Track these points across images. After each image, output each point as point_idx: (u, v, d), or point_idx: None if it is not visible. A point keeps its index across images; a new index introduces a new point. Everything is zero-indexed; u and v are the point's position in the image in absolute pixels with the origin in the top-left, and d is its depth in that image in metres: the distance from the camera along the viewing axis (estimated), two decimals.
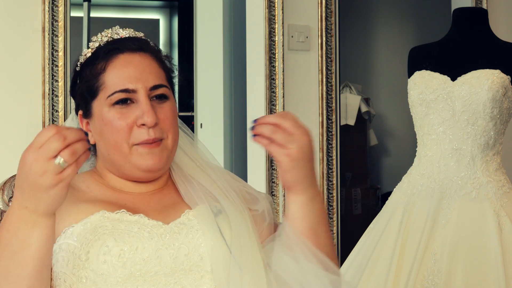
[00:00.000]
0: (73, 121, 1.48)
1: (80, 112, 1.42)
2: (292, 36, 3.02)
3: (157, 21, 5.34)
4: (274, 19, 2.96)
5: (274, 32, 2.95)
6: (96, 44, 1.41)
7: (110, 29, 1.43)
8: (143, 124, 1.34)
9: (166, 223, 1.34)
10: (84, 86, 1.39)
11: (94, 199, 1.37)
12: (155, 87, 1.37)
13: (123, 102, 1.36)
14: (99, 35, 1.42)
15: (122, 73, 1.36)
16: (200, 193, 1.39)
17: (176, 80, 1.48)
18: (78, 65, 1.42)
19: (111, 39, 1.41)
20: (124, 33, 1.42)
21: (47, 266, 1.22)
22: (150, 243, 1.30)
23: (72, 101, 2.14)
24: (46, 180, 1.15)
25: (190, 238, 1.32)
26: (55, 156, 1.15)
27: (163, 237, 1.31)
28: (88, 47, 1.42)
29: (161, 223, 1.33)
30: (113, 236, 1.28)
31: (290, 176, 1.31)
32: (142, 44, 1.41)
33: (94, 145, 1.43)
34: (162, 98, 1.38)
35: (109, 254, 1.27)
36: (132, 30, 1.44)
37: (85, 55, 1.41)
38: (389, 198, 2.54)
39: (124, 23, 1.45)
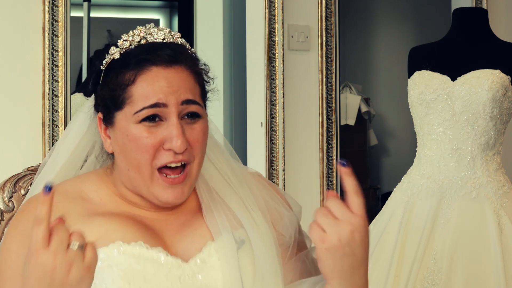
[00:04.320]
0: (89, 111, 1.36)
1: (100, 115, 1.31)
2: (292, 36, 3.01)
3: (157, 21, 5.33)
4: (274, 19, 2.95)
5: (274, 32, 2.95)
6: (126, 44, 1.28)
7: (144, 27, 1.30)
8: (170, 149, 1.23)
9: (186, 257, 1.25)
10: (108, 94, 1.27)
11: (108, 213, 1.28)
12: (188, 102, 1.25)
13: (151, 119, 1.24)
14: (130, 33, 1.29)
15: (152, 87, 1.23)
16: (223, 215, 1.29)
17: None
18: (104, 64, 1.30)
19: (144, 39, 1.28)
20: (159, 34, 1.29)
21: None
22: (167, 287, 1.21)
23: (73, 101, 2.12)
24: (76, 274, 1.03)
25: (209, 278, 1.24)
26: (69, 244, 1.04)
27: (182, 279, 1.22)
28: (117, 46, 1.29)
29: (180, 260, 1.24)
30: (128, 280, 1.19)
31: (323, 266, 1.15)
32: (178, 54, 1.27)
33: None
34: (194, 117, 1.26)
35: None
36: (169, 30, 1.31)
37: (113, 54, 1.29)
38: (389, 198, 2.54)
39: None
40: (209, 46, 3.34)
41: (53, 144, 2.49)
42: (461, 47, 2.53)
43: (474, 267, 2.27)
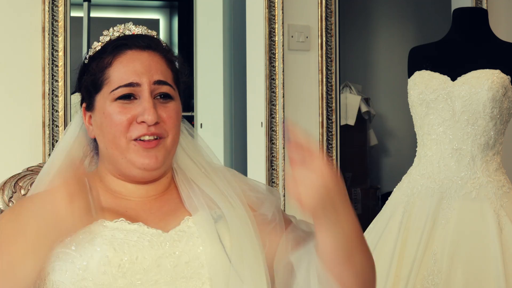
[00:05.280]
0: (79, 117, 1.45)
1: (84, 105, 1.41)
2: (292, 36, 3.01)
3: (157, 21, 5.34)
4: (274, 19, 2.95)
5: (274, 32, 2.95)
6: (107, 39, 1.39)
7: (122, 25, 1.41)
8: (143, 122, 1.32)
9: (166, 230, 1.32)
10: (89, 79, 1.37)
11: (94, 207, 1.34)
12: (160, 82, 1.34)
13: (126, 97, 1.33)
14: (110, 29, 1.40)
15: (127, 68, 1.34)
16: (201, 198, 1.37)
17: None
18: (87, 57, 1.40)
19: (122, 34, 1.39)
20: (136, 30, 1.40)
21: None
22: (150, 252, 1.28)
23: (73, 101, 2.14)
24: None
25: (190, 245, 1.31)
26: None
27: (163, 245, 1.30)
28: (98, 41, 1.40)
29: (161, 231, 1.31)
30: (113, 246, 1.27)
31: (306, 211, 1.22)
32: (152, 42, 1.38)
33: (97, 143, 1.41)
34: (166, 97, 1.36)
35: (108, 265, 1.25)
36: (146, 28, 1.41)
37: (95, 48, 1.39)
38: (389, 198, 2.54)
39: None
40: (209, 46, 3.34)
41: (53, 144, 2.50)
42: (461, 47, 2.53)
43: (474, 267, 2.27)
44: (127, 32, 1.39)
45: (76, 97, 2.79)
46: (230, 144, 3.35)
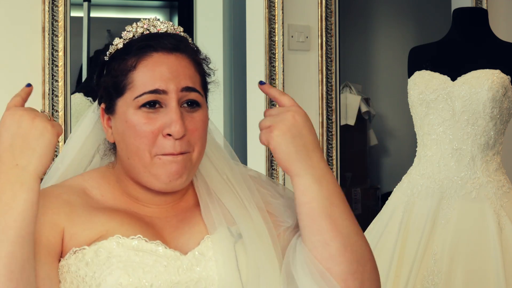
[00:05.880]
0: (94, 113, 1.39)
1: (103, 105, 1.32)
2: (292, 36, 3.01)
3: None
4: (274, 19, 2.95)
5: (274, 32, 2.95)
6: (130, 35, 1.30)
7: (147, 20, 1.31)
8: (169, 134, 1.24)
9: (184, 251, 1.26)
10: (110, 81, 1.28)
11: (109, 210, 1.29)
12: (188, 89, 1.26)
13: (151, 105, 1.25)
14: (134, 24, 1.30)
15: (153, 73, 1.24)
16: (220, 213, 1.30)
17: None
18: (107, 54, 1.31)
19: (147, 31, 1.29)
20: (162, 26, 1.30)
21: (30, 233, 1.13)
22: (166, 279, 1.21)
23: (73, 101, 2.12)
24: (39, 123, 1.15)
25: (208, 271, 1.24)
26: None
27: (180, 271, 1.23)
28: (120, 37, 1.30)
29: (179, 253, 1.24)
30: (127, 272, 1.20)
31: (280, 154, 1.23)
32: (180, 43, 1.29)
33: (114, 144, 1.34)
34: (193, 105, 1.27)
35: None
36: (171, 24, 1.32)
37: (116, 45, 1.30)
38: (389, 198, 2.54)
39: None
40: (209, 46, 3.34)
41: None
42: (461, 47, 2.53)
43: (474, 267, 2.27)
44: (152, 29, 1.30)
45: (77, 97, 2.78)
46: (230, 144, 3.35)
